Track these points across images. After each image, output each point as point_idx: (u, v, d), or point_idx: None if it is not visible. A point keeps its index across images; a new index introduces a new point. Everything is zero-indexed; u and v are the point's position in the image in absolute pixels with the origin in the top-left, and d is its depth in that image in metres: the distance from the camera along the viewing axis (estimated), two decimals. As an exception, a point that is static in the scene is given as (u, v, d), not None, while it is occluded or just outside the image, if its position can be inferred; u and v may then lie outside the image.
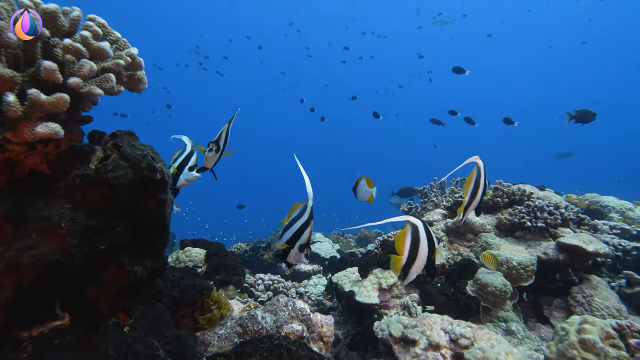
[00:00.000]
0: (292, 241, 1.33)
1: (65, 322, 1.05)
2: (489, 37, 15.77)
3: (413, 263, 1.43)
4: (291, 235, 1.34)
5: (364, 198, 2.10)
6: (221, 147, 1.47)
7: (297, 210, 1.38)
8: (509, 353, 1.66)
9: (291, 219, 1.38)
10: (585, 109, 4.64)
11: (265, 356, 1.08)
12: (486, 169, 1.80)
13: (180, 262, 2.74)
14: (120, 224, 1.15)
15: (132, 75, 1.24)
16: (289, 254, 1.35)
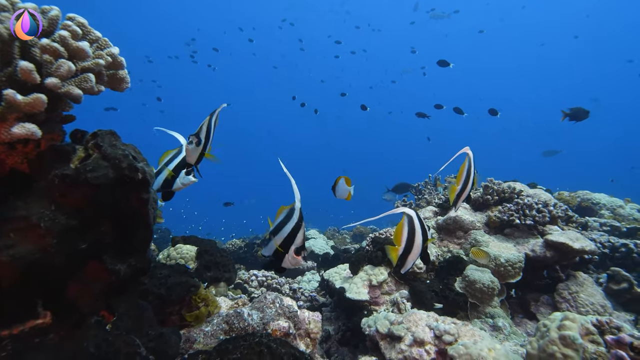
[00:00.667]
0: (285, 246, 1.30)
1: (47, 321, 1.06)
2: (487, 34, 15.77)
3: (410, 252, 1.55)
4: (282, 240, 1.30)
5: (342, 196, 2.16)
6: (202, 141, 1.37)
7: (283, 214, 1.35)
8: (491, 349, 1.69)
9: (277, 224, 1.34)
10: (579, 107, 4.68)
11: (245, 353, 1.09)
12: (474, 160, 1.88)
13: (171, 259, 2.75)
14: (103, 224, 1.16)
15: (114, 75, 1.24)
16: (284, 259, 1.31)
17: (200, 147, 1.36)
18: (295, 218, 1.30)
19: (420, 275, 2.81)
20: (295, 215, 1.30)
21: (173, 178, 1.63)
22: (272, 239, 1.32)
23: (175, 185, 1.68)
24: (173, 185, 1.66)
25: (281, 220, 1.33)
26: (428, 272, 2.84)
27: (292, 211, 1.33)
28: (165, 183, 1.62)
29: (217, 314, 1.76)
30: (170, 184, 1.64)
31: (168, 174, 1.61)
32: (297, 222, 1.30)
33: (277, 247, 1.30)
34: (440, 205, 3.49)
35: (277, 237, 1.31)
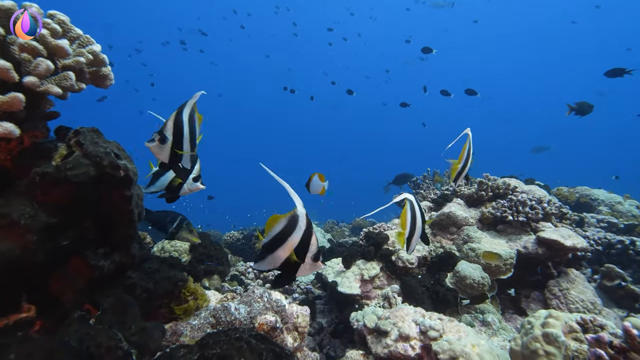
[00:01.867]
0: (299, 255, 1.19)
1: (31, 315, 1.09)
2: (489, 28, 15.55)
3: (413, 235, 1.72)
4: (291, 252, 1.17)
5: (316, 191, 2.22)
6: (169, 138, 1.23)
7: (282, 223, 1.20)
8: (475, 345, 1.71)
9: (277, 234, 1.19)
10: (583, 101, 4.65)
11: (225, 348, 1.12)
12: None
13: (165, 251, 2.79)
14: (85, 220, 1.17)
15: (97, 72, 1.24)
16: (299, 269, 1.22)
17: (166, 144, 1.24)
18: (303, 225, 1.19)
19: (412, 270, 2.82)
20: (301, 222, 1.19)
21: (180, 185, 1.52)
22: (276, 252, 1.19)
23: (182, 190, 1.60)
24: (180, 191, 1.58)
25: (282, 229, 1.19)
26: (420, 267, 2.86)
27: (294, 218, 1.20)
28: (171, 188, 1.53)
29: (205, 308, 1.79)
30: (177, 190, 1.55)
31: (175, 180, 1.51)
32: (307, 229, 1.20)
33: (293, 258, 1.18)
34: (435, 200, 3.49)
35: (282, 248, 1.19)
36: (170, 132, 1.23)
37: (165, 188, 1.50)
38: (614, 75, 4.39)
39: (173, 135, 1.24)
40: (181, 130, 1.27)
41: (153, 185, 1.48)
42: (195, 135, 1.36)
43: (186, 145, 1.30)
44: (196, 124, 1.33)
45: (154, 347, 1.23)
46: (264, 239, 1.21)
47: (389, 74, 19.77)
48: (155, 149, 1.24)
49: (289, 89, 9.24)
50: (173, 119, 1.24)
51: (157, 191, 1.51)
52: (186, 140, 1.29)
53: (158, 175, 1.49)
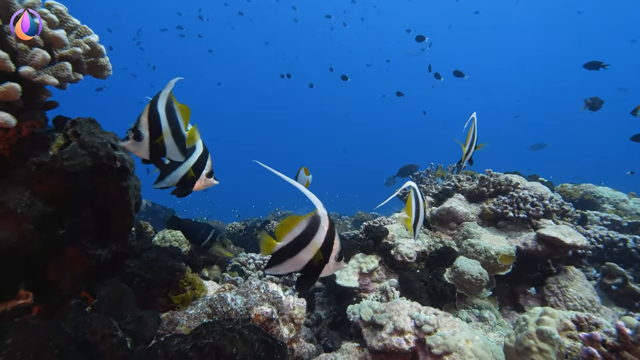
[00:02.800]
0: (323, 256, 1.17)
1: (29, 301, 1.11)
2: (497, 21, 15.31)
3: (417, 221, 1.88)
4: (315, 254, 1.15)
5: (302, 183, 2.27)
6: (144, 134, 1.12)
7: (302, 225, 1.17)
8: (469, 340, 1.72)
9: (298, 237, 1.16)
10: (596, 96, 4.63)
11: (218, 339, 1.13)
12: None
13: (165, 241, 2.82)
14: (82, 210, 1.19)
15: (94, 62, 1.24)
16: (322, 270, 1.20)
17: (143, 141, 1.13)
18: (325, 225, 1.17)
19: (411, 264, 2.83)
20: (324, 222, 1.17)
21: (193, 179, 1.44)
22: (298, 255, 1.17)
23: (195, 186, 1.51)
24: (193, 186, 1.49)
25: (304, 231, 1.17)
26: (418, 262, 2.87)
27: (316, 219, 1.17)
28: (184, 182, 1.44)
29: (202, 298, 1.81)
30: (191, 184, 1.46)
31: (189, 175, 1.43)
32: (330, 229, 1.18)
33: (319, 259, 1.16)
34: (436, 195, 3.48)
35: (306, 250, 1.16)
36: (145, 127, 1.14)
37: (178, 183, 1.41)
38: (591, 67, 4.60)
39: (149, 131, 1.15)
40: (158, 123, 1.17)
41: (163, 181, 1.35)
42: (180, 127, 1.26)
43: (168, 139, 1.21)
44: (178, 114, 1.24)
45: (149, 336, 1.25)
46: (281, 242, 1.17)
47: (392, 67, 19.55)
48: (131, 147, 1.15)
49: (287, 77, 9.19)
50: (147, 113, 1.15)
51: (167, 187, 1.42)
52: (167, 134, 1.20)
53: (168, 169, 1.40)
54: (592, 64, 4.59)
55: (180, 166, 1.38)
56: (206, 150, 1.44)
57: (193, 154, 1.41)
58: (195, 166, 1.41)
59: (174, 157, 1.28)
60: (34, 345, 0.97)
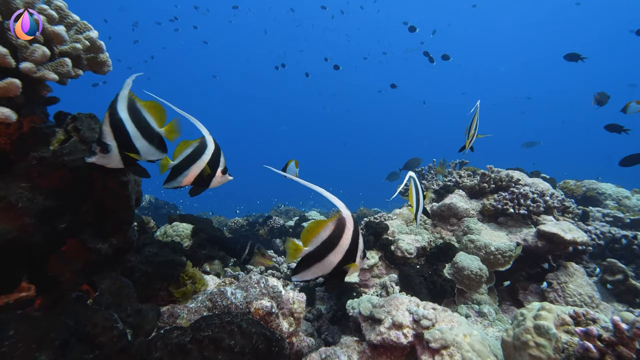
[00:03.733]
0: (351, 257, 1.21)
1: (31, 294, 1.13)
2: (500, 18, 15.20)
3: (418, 210, 2.04)
4: (344, 254, 1.19)
5: (291, 175, 2.37)
6: (111, 145, 1.05)
7: (329, 229, 1.18)
8: (467, 334, 1.73)
9: (324, 241, 1.17)
10: (602, 92, 4.63)
11: (216, 331, 1.15)
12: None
13: (167, 236, 2.84)
14: (83, 204, 1.20)
15: (94, 58, 1.25)
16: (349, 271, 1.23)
17: (111, 152, 1.07)
18: (351, 226, 1.20)
19: (411, 260, 2.84)
20: (349, 223, 1.20)
21: (209, 177, 1.41)
22: (326, 258, 1.18)
23: (212, 184, 1.47)
24: (209, 184, 1.45)
25: (331, 234, 1.18)
26: (418, 257, 2.88)
27: (341, 221, 1.19)
28: (200, 180, 1.41)
29: (202, 292, 1.84)
30: (207, 182, 1.43)
31: (205, 172, 1.39)
32: (355, 229, 1.21)
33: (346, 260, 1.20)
34: (437, 191, 3.48)
35: (334, 253, 1.18)
36: (110, 137, 1.06)
37: (193, 182, 1.38)
38: (571, 59, 4.75)
39: (116, 139, 1.07)
40: (123, 129, 1.09)
41: (175, 180, 1.32)
42: (150, 126, 1.19)
43: (140, 142, 1.14)
44: (145, 113, 1.18)
45: (149, 328, 1.27)
46: (308, 247, 1.17)
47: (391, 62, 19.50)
48: (101, 161, 1.07)
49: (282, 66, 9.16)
50: (108, 121, 1.06)
51: (180, 186, 1.39)
52: (137, 137, 1.13)
53: (180, 169, 1.35)
54: (571, 55, 4.73)
55: (194, 164, 1.34)
56: (218, 146, 1.41)
57: (206, 151, 1.37)
58: (210, 163, 1.37)
59: (153, 157, 1.24)
60: (36, 337, 0.99)
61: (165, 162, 1.30)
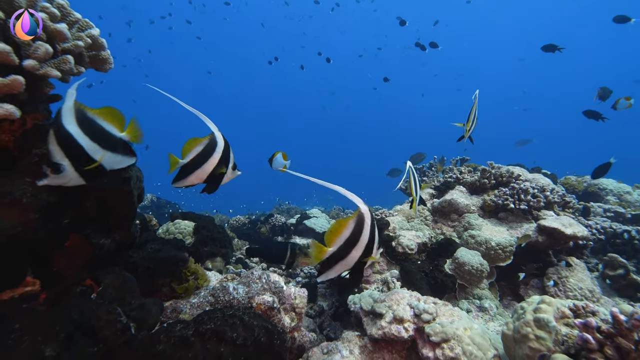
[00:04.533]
0: (370, 250, 1.26)
1: (36, 289, 1.15)
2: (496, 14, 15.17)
3: (417, 197, 2.17)
4: (364, 249, 1.24)
5: (278, 168, 2.37)
6: (63, 164, 0.95)
7: (350, 226, 1.23)
8: (467, 328, 1.75)
9: (347, 239, 1.22)
10: (605, 86, 4.63)
11: (219, 324, 1.17)
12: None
13: (169, 233, 2.86)
14: (86, 200, 1.22)
15: (96, 56, 1.27)
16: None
17: (65, 171, 0.97)
18: (369, 220, 1.25)
19: (412, 256, 2.85)
20: (367, 219, 1.24)
21: (222, 175, 1.40)
22: (350, 255, 1.23)
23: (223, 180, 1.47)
24: (220, 182, 1.44)
25: (352, 231, 1.23)
26: (419, 253, 2.89)
27: (361, 217, 1.24)
28: (213, 178, 1.39)
29: (205, 287, 1.85)
30: (219, 180, 1.42)
31: (217, 170, 1.37)
32: (372, 223, 1.26)
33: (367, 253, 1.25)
34: (437, 187, 3.49)
35: (356, 248, 1.23)
36: (60, 155, 0.96)
37: (206, 180, 1.36)
38: (548, 50, 4.86)
39: (68, 157, 0.97)
40: (75, 145, 0.98)
41: (185, 179, 1.30)
42: (109, 133, 1.10)
43: (100, 154, 1.04)
44: (99, 121, 1.07)
45: (152, 322, 1.29)
46: (332, 248, 1.21)
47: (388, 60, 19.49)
48: (56, 182, 0.98)
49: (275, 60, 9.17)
50: (54, 139, 0.95)
51: (191, 185, 1.37)
52: (95, 151, 1.02)
53: (190, 168, 1.31)
54: (548, 46, 4.83)
55: (206, 163, 1.31)
56: (227, 142, 1.38)
57: (217, 149, 1.34)
58: (221, 161, 1.34)
59: (121, 165, 1.14)
60: (42, 330, 1.01)
61: (174, 160, 1.28)
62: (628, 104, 3.54)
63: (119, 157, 1.12)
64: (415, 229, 3.05)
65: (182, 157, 1.28)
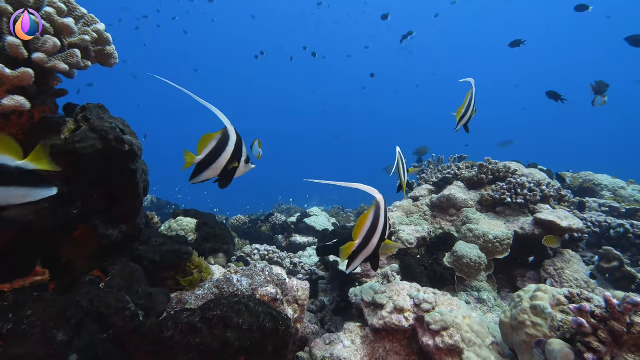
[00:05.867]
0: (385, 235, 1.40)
1: (45, 278, 1.18)
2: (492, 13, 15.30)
3: (404, 180, 2.30)
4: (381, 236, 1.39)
5: (254, 155, 2.39)
6: None
7: (370, 218, 1.37)
8: (466, 317, 1.78)
9: (368, 230, 1.36)
10: (601, 80, 4.68)
11: (225, 311, 1.20)
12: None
13: (172, 230, 2.88)
14: (94, 192, 1.25)
15: (102, 51, 1.29)
16: None
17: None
18: (383, 208, 1.38)
19: (412, 250, 2.89)
20: (382, 208, 1.37)
21: (234, 169, 1.42)
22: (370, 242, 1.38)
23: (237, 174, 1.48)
24: (234, 175, 1.46)
25: (372, 222, 1.37)
26: (419, 247, 2.93)
27: (378, 207, 1.37)
28: (226, 172, 1.40)
29: (209, 280, 1.88)
30: (232, 173, 1.43)
31: (231, 165, 1.39)
32: (385, 208, 1.38)
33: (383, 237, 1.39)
34: (436, 184, 3.53)
35: (375, 235, 1.38)
36: None
37: (220, 174, 1.39)
38: (514, 45, 5.20)
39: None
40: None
41: (201, 175, 1.33)
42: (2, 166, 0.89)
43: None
44: None
45: (160, 310, 1.32)
46: (357, 240, 1.36)
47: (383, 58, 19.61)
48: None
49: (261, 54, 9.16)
50: None
51: (207, 180, 1.39)
52: None
53: (206, 163, 1.32)
54: (514, 42, 5.18)
55: (220, 157, 1.33)
56: (239, 136, 1.40)
57: (229, 143, 1.35)
58: (234, 155, 1.36)
59: (27, 200, 0.95)
60: (53, 316, 1.03)
61: (190, 158, 1.29)
62: (602, 101, 3.95)
63: (18, 190, 0.93)
64: (414, 223, 3.09)
65: (198, 154, 1.30)
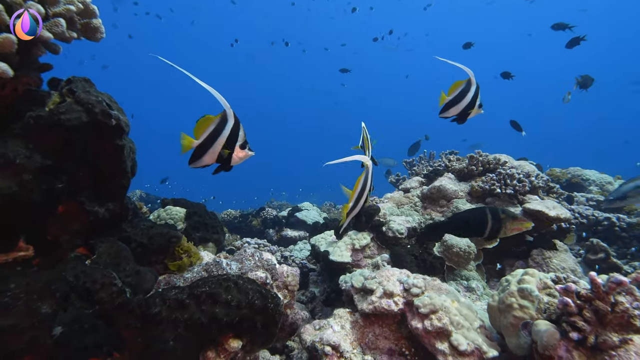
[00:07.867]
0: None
1: (29, 254, 1.15)
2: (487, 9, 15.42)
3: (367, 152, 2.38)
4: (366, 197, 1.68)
5: None
6: None
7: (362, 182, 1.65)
8: (454, 300, 1.80)
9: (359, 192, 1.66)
10: (586, 75, 4.73)
11: (213, 287, 1.19)
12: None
13: (161, 219, 2.85)
14: (80, 167, 1.23)
15: (88, 24, 1.27)
16: None
17: None
18: (371, 172, 1.66)
19: (402, 240, 2.91)
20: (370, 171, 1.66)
21: (229, 155, 1.36)
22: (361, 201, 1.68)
23: (233, 161, 1.42)
24: (230, 162, 1.39)
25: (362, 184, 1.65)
26: (409, 237, 2.94)
27: (366, 175, 1.64)
28: (222, 159, 1.36)
29: (198, 264, 1.86)
30: (228, 161, 1.38)
31: (225, 152, 1.34)
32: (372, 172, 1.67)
33: None
34: (427, 175, 3.55)
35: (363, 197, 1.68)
36: None
37: (217, 160, 1.33)
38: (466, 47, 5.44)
39: None
40: None
41: (200, 160, 1.29)
42: None
43: None
44: None
45: (148, 287, 1.30)
46: (351, 203, 1.66)
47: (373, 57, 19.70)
48: None
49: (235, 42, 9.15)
50: None
51: (207, 165, 1.35)
52: None
53: (204, 147, 1.28)
54: (466, 44, 5.45)
55: (216, 142, 1.28)
56: (237, 120, 1.32)
57: (225, 127, 1.29)
58: (228, 140, 1.30)
59: None
60: (37, 288, 1.01)
61: (188, 142, 1.25)
62: (568, 98, 4.48)
63: None
64: (405, 214, 3.11)
65: (196, 138, 1.26)
